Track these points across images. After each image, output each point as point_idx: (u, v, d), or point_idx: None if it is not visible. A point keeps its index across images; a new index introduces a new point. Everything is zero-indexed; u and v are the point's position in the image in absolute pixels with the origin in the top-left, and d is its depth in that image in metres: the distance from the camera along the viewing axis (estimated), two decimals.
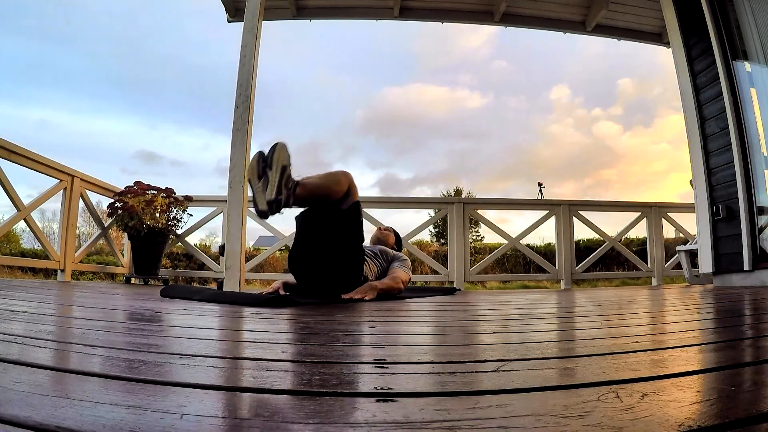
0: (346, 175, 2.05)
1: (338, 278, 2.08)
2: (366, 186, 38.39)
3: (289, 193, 1.76)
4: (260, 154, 1.77)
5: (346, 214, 2.04)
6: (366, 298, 1.97)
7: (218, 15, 4.63)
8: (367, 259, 2.29)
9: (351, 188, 2.05)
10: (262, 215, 1.76)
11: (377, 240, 2.76)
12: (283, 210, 1.78)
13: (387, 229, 2.88)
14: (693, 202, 3.73)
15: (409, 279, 2.42)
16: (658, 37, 4.84)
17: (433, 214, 5.45)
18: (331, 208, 2.01)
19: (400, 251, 2.84)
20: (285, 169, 1.75)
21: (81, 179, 3.82)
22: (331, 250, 2.06)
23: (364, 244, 2.47)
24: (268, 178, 1.73)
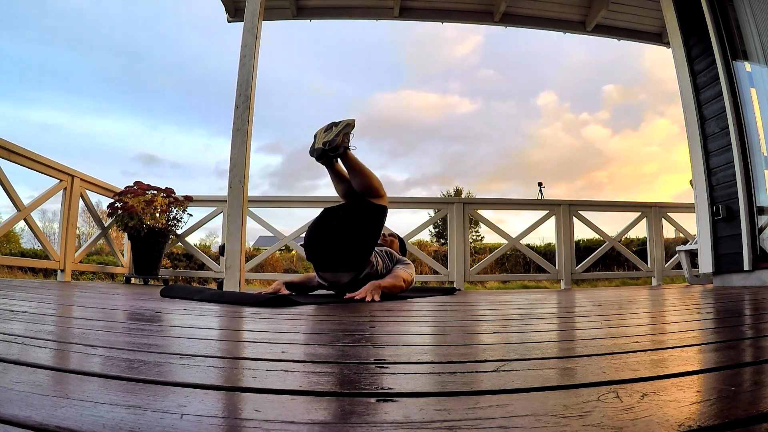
0: (382, 186, 2.35)
1: (348, 252, 2.19)
2: None
3: (343, 143, 2.17)
4: (333, 122, 2.24)
5: (372, 207, 2.26)
6: (368, 299, 1.96)
7: (218, 15, 4.64)
8: (377, 252, 2.35)
9: (384, 198, 2.35)
10: (315, 152, 2.21)
11: (382, 245, 2.76)
12: (331, 159, 2.23)
13: (391, 235, 2.90)
14: (693, 202, 3.73)
15: (412, 280, 2.43)
16: (658, 37, 4.84)
17: (432, 215, 5.45)
18: (362, 199, 2.27)
19: (404, 255, 2.86)
20: (348, 125, 2.19)
21: (81, 179, 3.82)
22: (350, 226, 2.19)
23: None
24: (331, 128, 2.19)
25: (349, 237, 2.18)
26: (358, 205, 2.25)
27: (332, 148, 2.16)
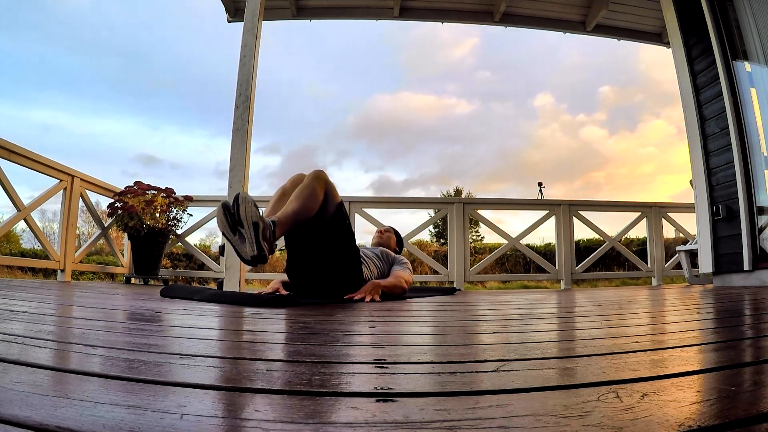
0: (319, 180, 1.95)
1: (338, 283, 2.08)
2: (361, 188, 39.04)
3: (270, 242, 1.71)
4: (225, 207, 1.67)
5: (330, 222, 2.00)
6: (367, 299, 1.95)
7: (218, 15, 4.64)
8: (365, 260, 2.28)
9: (329, 191, 1.97)
10: (249, 264, 1.71)
11: (378, 243, 2.73)
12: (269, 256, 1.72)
13: (387, 230, 2.82)
14: (692, 202, 3.74)
15: (412, 281, 2.40)
16: (658, 37, 4.84)
17: (431, 215, 5.45)
18: (314, 222, 1.96)
19: (401, 252, 2.82)
20: (257, 225, 1.65)
21: (81, 179, 3.82)
22: (325, 259, 2.05)
23: (364, 244, 2.46)
24: (242, 234, 1.65)
25: (332, 276, 2.06)
26: (315, 235, 2.01)
27: (267, 257, 1.72)
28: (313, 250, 2.04)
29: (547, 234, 14.42)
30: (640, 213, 4.76)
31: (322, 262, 2.05)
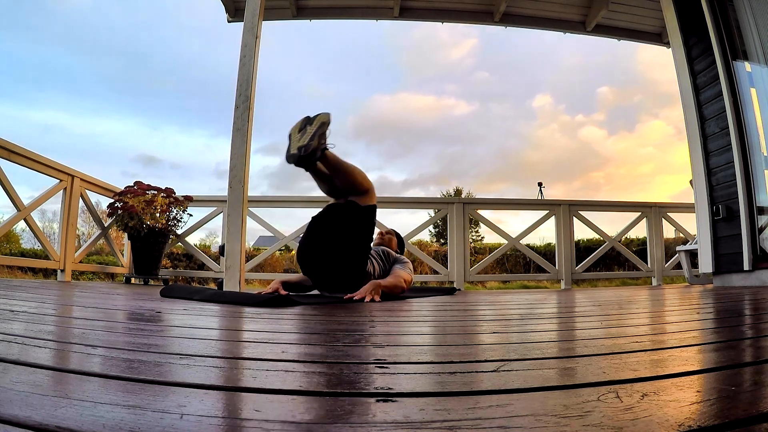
0: (368, 179, 2.27)
1: (342, 270, 2.13)
2: None
3: (319, 146, 1.99)
4: (306, 116, 2.04)
5: (363, 211, 2.18)
6: (367, 299, 1.95)
7: (218, 15, 4.64)
8: (371, 256, 2.32)
9: (371, 191, 2.26)
10: (291, 159, 2.00)
11: (380, 244, 2.75)
12: (308, 165, 2.05)
13: (389, 232, 2.86)
14: (692, 202, 3.74)
15: (412, 280, 2.41)
16: (658, 37, 4.84)
17: (431, 215, 5.45)
18: (349, 203, 2.18)
19: (402, 253, 2.84)
20: (324, 124, 2.00)
21: (81, 179, 3.82)
22: (341, 241, 2.13)
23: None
24: (306, 131, 1.98)
25: (340, 259, 2.11)
26: (344, 216, 2.17)
27: (308, 154, 1.97)
28: (335, 230, 2.14)
29: (547, 234, 14.43)
30: (640, 213, 4.76)
31: (337, 247, 2.12)
